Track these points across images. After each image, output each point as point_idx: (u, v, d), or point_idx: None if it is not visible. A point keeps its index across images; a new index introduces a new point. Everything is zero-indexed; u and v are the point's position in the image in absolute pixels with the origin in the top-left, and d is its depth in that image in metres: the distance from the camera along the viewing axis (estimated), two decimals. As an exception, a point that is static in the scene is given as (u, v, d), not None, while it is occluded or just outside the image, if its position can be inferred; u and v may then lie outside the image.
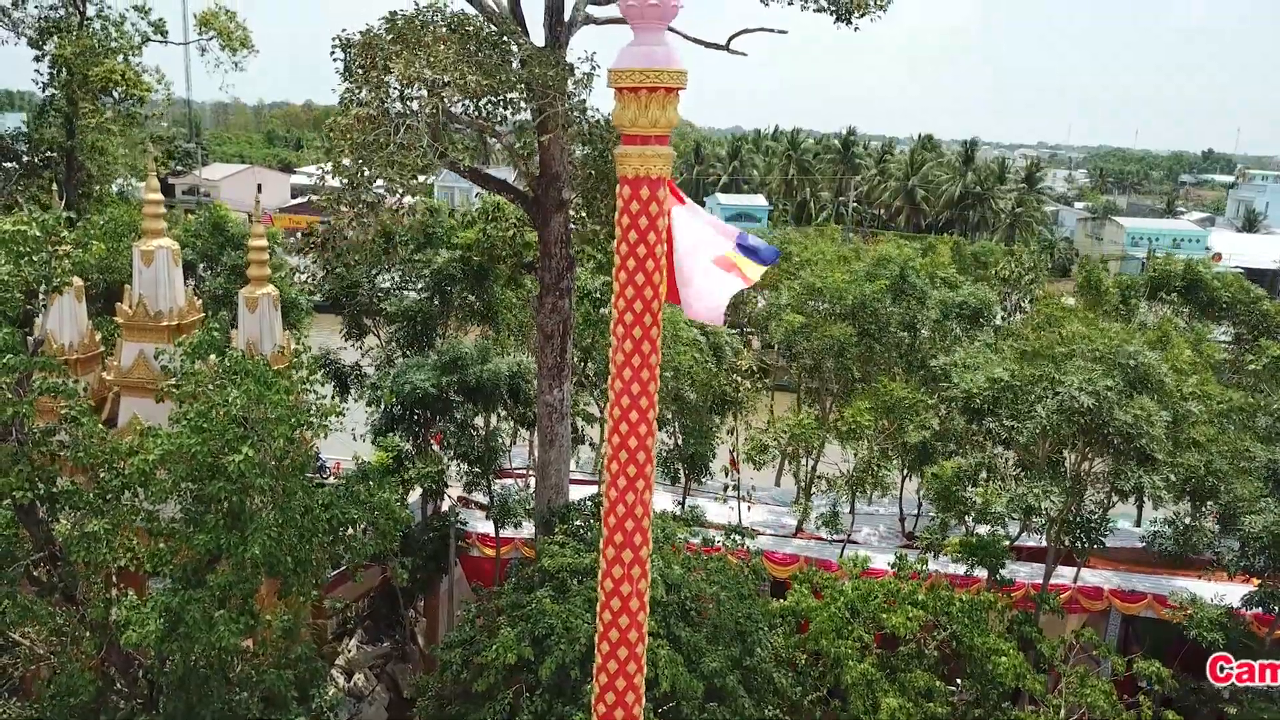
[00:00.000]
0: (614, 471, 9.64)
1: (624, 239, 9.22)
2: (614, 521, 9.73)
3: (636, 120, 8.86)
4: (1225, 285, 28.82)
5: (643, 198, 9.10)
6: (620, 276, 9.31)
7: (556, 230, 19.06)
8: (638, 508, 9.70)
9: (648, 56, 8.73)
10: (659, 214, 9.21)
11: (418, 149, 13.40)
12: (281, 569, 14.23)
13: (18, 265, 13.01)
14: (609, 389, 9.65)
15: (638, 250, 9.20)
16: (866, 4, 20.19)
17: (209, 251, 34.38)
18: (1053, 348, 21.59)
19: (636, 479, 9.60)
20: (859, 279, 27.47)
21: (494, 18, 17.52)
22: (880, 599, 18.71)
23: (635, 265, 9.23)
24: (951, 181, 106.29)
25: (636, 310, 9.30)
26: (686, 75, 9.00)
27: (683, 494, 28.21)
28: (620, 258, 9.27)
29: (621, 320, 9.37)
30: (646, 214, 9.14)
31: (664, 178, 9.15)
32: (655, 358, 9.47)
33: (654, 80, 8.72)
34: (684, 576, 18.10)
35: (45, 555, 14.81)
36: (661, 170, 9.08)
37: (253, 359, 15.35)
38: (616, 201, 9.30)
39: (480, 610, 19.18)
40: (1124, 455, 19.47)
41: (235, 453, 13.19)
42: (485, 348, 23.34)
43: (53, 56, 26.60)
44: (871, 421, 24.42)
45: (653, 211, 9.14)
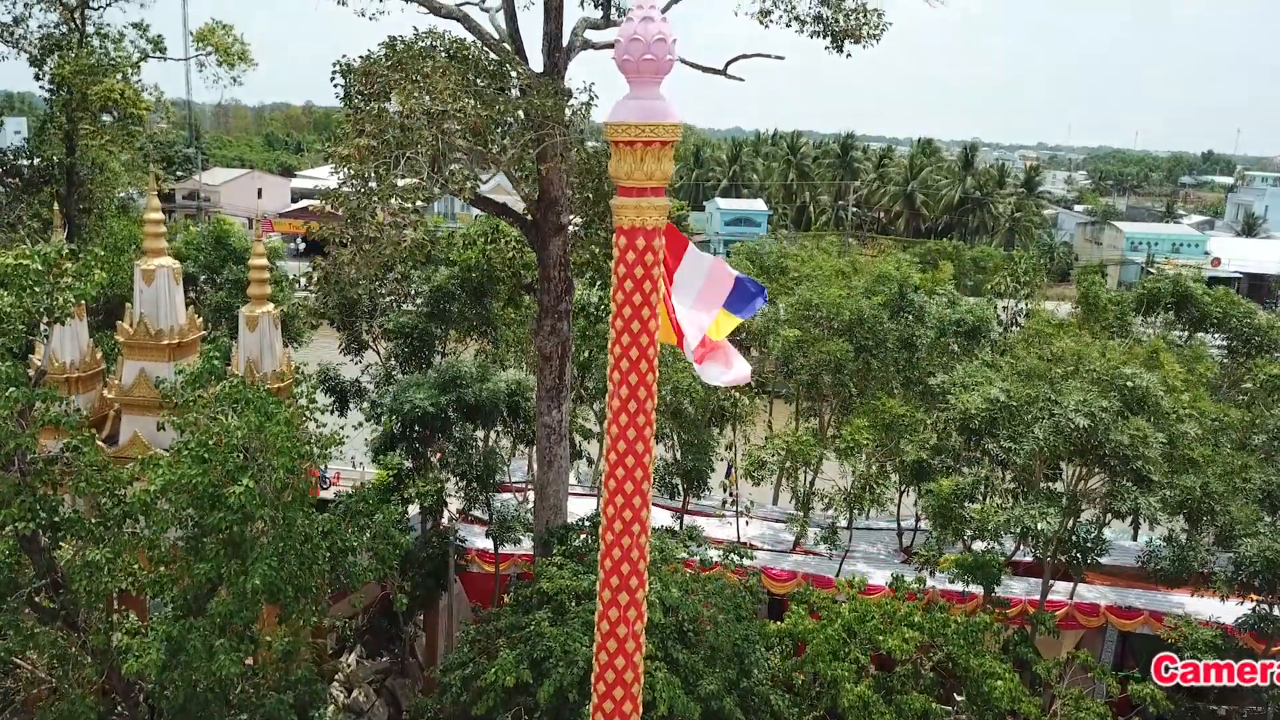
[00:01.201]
0: (610, 516, 9.78)
1: (619, 288, 9.33)
2: (610, 565, 9.86)
3: (632, 173, 8.97)
4: (1215, 300, 28.95)
5: (638, 248, 9.21)
6: (616, 324, 9.43)
7: (555, 253, 19.18)
8: (634, 551, 9.82)
9: (644, 110, 8.84)
10: (654, 263, 9.33)
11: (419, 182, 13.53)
12: (282, 597, 14.35)
13: (20, 298, 13.13)
14: (605, 431, 9.78)
15: (633, 299, 9.31)
16: (860, 32, 20.40)
17: (211, 264, 34.57)
18: (1049, 370, 21.71)
19: (632, 523, 9.72)
20: (856, 295, 27.59)
21: (493, 45, 17.66)
22: (877, 620, 18.83)
23: (631, 313, 9.34)
24: (951, 186, 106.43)
25: (632, 357, 9.41)
26: (681, 128, 9.11)
27: (681, 509, 28.31)
28: (616, 306, 9.39)
29: (617, 367, 9.49)
30: (642, 264, 9.25)
31: (659, 228, 9.28)
32: (651, 403, 9.59)
33: (649, 134, 8.83)
34: (682, 599, 18.22)
35: (47, 582, 14.94)
36: (657, 221, 9.20)
37: (254, 387, 15.46)
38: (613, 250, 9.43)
39: (479, 632, 19.30)
40: (1120, 476, 19.59)
41: (236, 483, 13.31)
42: (484, 366, 23.48)
43: (52, 75, 26.75)
44: (869, 439, 24.53)
45: (648, 261, 9.26)
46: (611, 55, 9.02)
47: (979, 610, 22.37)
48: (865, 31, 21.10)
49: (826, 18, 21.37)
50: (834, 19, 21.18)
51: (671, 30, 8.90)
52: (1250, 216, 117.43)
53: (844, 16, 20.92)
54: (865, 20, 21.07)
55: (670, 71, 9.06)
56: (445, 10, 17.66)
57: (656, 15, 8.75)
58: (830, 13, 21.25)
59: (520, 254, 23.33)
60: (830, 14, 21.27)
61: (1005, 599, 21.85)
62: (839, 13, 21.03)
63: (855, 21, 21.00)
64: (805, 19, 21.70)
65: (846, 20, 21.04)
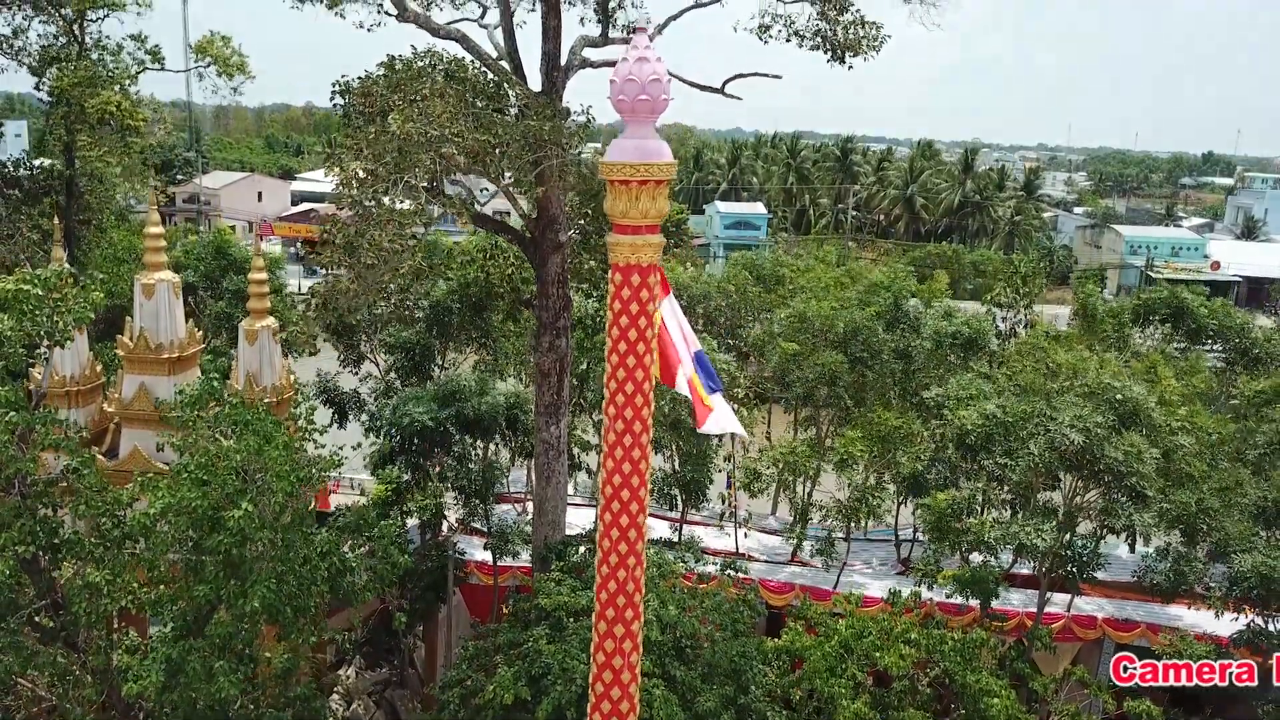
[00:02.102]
0: (605, 548, 9.86)
1: (615, 323, 9.44)
2: (605, 597, 9.95)
3: (627, 212, 9.07)
4: (1211, 312, 28.98)
5: (633, 284, 9.32)
6: (612, 359, 9.53)
7: (554, 270, 19.26)
8: (629, 584, 9.91)
9: (639, 151, 8.94)
10: (649, 299, 9.43)
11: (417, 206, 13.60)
12: (281, 618, 14.43)
13: (20, 322, 13.21)
14: (601, 465, 9.87)
15: (629, 334, 9.42)
16: (860, 45, 20.48)
17: (210, 273, 34.64)
18: (1045, 385, 21.78)
19: (628, 556, 9.82)
20: (851, 307, 27.65)
21: (490, 65, 17.73)
22: (874, 636, 18.90)
23: (626, 348, 9.45)
24: (950, 190, 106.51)
25: (628, 392, 9.51)
26: (675, 166, 9.21)
27: (680, 519, 28.38)
28: (611, 341, 9.49)
29: (613, 401, 9.59)
30: (637, 300, 9.36)
31: (654, 264, 9.37)
32: (646, 436, 9.68)
33: (644, 174, 8.94)
34: (679, 616, 18.29)
35: (48, 602, 15.02)
36: (652, 258, 9.30)
37: (253, 408, 15.53)
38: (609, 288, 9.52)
39: (477, 649, 19.38)
40: (1115, 491, 19.67)
41: (235, 506, 13.40)
42: (484, 379, 23.55)
43: (51, 87, 26.82)
44: (864, 451, 24.61)
45: (643, 298, 9.36)
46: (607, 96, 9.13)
47: (976, 623, 22.48)
48: (864, 44, 21.21)
49: (825, 32, 21.48)
50: (832, 33, 21.28)
51: (665, 70, 9.01)
52: (1250, 220, 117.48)
53: (842, 30, 21.01)
54: (864, 33, 21.17)
55: (665, 110, 9.17)
56: (443, 31, 17.75)
57: (651, 56, 8.85)
58: (829, 27, 21.35)
59: (519, 269, 23.41)
60: (829, 28, 21.37)
61: (1003, 614, 21.89)
62: (837, 26, 21.12)
63: (854, 35, 21.10)
64: (804, 33, 21.83)
65: (845, 34, 21.14)
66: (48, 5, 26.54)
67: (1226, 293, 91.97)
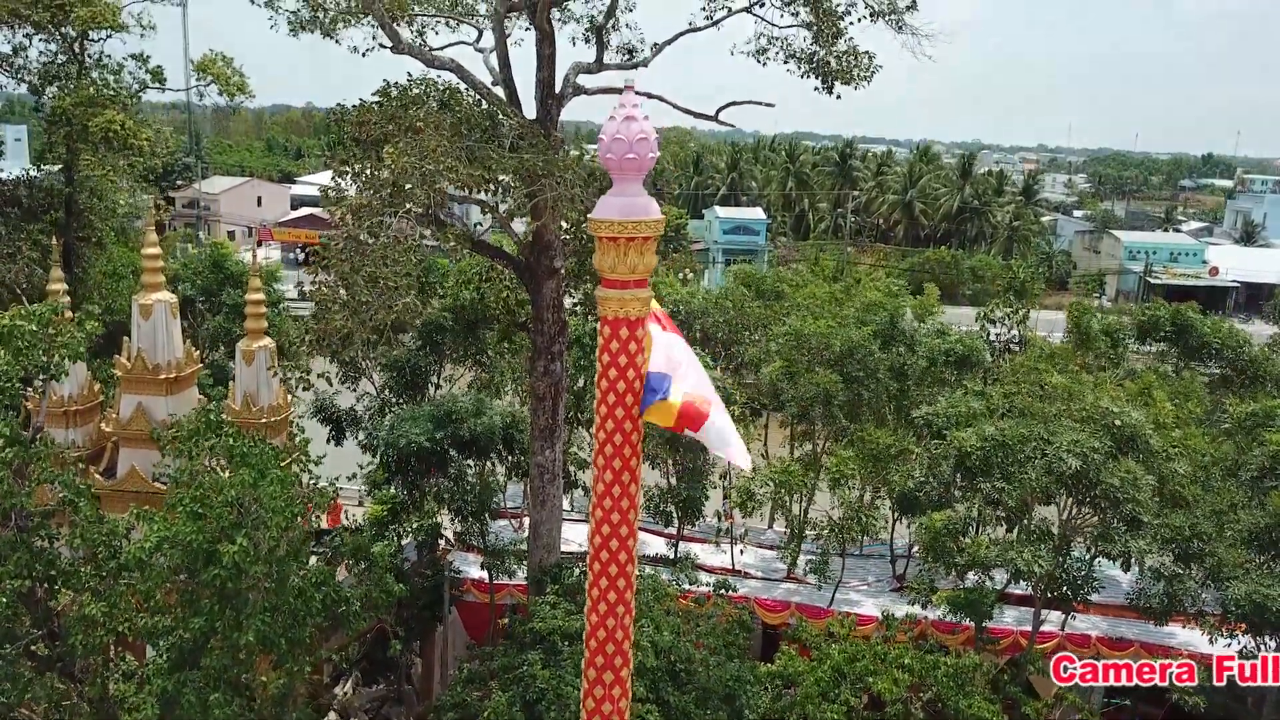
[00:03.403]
0: (594, 598, 9.95)
1: (604, 375, 9.52)
2: (595, 645, 10.03)
3: (615, 267, 9.14)
4: (1214, 330, 29.03)
5: (622, 337, 9.39)
6: (601, 410, 9.61)
7: (549, 296, 19.35)
8: (618, 632, 10.00)
9: (626, 208, 9.01)
10: (638, 351, 9.51)
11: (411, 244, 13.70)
12: (276, 650, 14.53)
13: (16, 357, 13.31)
14: (590, 514, 9.96)
15: (617, 386, 9.49)
16: (851, 75, 20.62)
17: (208, 287, 34.81)
18: (1042, 408, 21.87)
19: (617, 605, 9.90)
20: (848, 325, 27.75)
21: (485, 93, 17.83)
22: (867, 660, 19.00)
23: (615, 400, 9.52)
24: (949, 195, 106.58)
25: (616, 443, 9.59)
26: (664, 223, 9.30)
27: (676, 535, 28.48)
28: (600, 392, 9.58)
29: (602, 451, 9.67)
30: (626, 353, 9.43)
31: (642, 318, 9.45)
32: (635, 487, 9.76)
33: (632, 230, 9.01)
34: (674, 641, 18.39)
35: (44, 632, 15.13)
36: (640, 311, 9.38)
37: (249, 437, 15.63)
38: (599, 340, 9.61)
39: (473, 672, 19.49)
40: (1111, 517, 19.76)
41: (230, 541, 13.50)
42: (480, 400, 23.64)
43: (52, 107, 26.94)
44: (857, 469, 24.71)
45: (631, 350, 9.44)
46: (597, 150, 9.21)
47: (970, 643, 22.57)
48: (856, 74, 21.34)
49: (820, 57, 21.59)
50: (826, 60, 21.39)
51: (652, 128, 9.10)
52: (1249, 224, 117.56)
53: (835, 59, 21.12)
54: (856, 62, 21.29)
55: (651, 167, 9.26)
56: (438, 61, 17.85)
57: (639, 114, 8.93)
58: (824, 53, 21.46)
59: (514, 293, 23.52)
60: (823, 54, 21.49)
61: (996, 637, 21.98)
62: (831, 54, 21.23)
63: (846, 63, 21.22)
64: (800, 57, 21.94)
65: (838, 62, 21.26)
66: (49, 24, 26.65)
67: (1224, 299, 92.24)
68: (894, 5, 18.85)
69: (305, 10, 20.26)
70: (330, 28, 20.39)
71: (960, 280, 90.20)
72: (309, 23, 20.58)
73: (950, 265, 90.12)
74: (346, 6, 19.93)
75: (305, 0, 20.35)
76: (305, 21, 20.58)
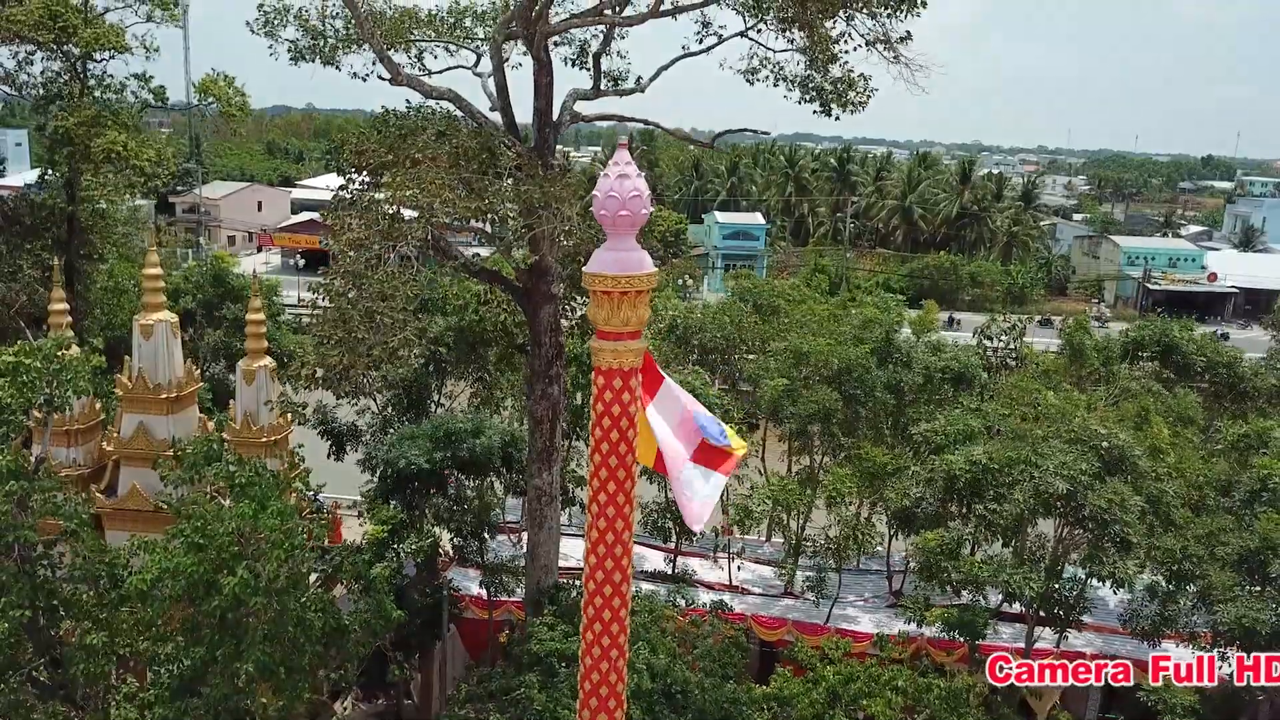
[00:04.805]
0: (589, 640, 10.14)
1: (598, 423, 9.70)
2: (589, 687, 10.22)
3: (609, 320, 9.32)
4: (1200, 349, 29.17)
5: (615, 388, 9.58)
6: (595, 458, 9.80)
7: (546, 320, 19.52)
8: (611, 674, 10.18)
9: (620, 263, 9.19)
10: (631, 401, 9.70)
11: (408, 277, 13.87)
12: (275, 679, 14.71)
13: (21, 392, 13.49)
14: (584, 560, 10.14)
15: (610, 435, 9.67)
16: (847, 99, 20.72)
17: (209, 301, 34.97)
18: (1032, 430, 22.06)
19: (610, 649, 10.09)
20: (845, 343, 27.94)
21: (483, 123, 18.00)
22: (861, 682, 19.17)
23: (609, 449, 9.70)
24: (949, 201, 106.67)
25: (610, 491, 9.77)
26: (656, 276, 9.48)
27: (674, 550, 28.65)
28: (594, 441, 9.76)
29: (595, 499, 9.86)
30: (619, 403, 9.62)
31: (636, 368, 9.64)
32: (629, 534, 9.94)
33: (625, 285, 9.19)
34: (670, 664, 18.55)
35: (46, 660, 15.31)
36: (634, 363, 9.57)
37: (250, 466, 15.81)
38: (592, 388, 9.79)
39: (470, 694, 19.67)
40: (1100, 539, 19.94)
41: (231, 573, 13.68)
42: (479, 420, 23.81)
43: (55, 126, 27.10)
44: (854, 487, 24.89)
45: (625, 400, 9.62)
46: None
47: (965, 660, 22.75)
48: (852, 97, 21.41)
49: (814, 82, 21.69)
50: (821, 84, 21.49)
51: (645, 185, 9.28)
52: (1248, 229, 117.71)
53: (830, 84, 21.22)
54: (852, 86, 21.36)
55: (644, 223, 9.43)
56: (435, 93, 18.02)
57: (631, 172, 9.11)
58: (819, 77, 21.56)
59: (512, 315, 23.68)
60: (818, 78, 21.59)
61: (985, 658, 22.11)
62: (826, 79, 21.33)
63: (841, 88, 21.31)
64: (792, 80, 22.04)
65: (834, 86, 21.35)
66: (53, 44, 26.81)
67: (1223, 304, 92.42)
68: (887, 35, 18.92)
69: (304, 39, 20.46)
70: (330, 55, 20.58)
71: (959, 286, 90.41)
72: (309, 51, 20.78)
73: (949, 271, 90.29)
74: (346, 34, 20.11)
75: (304, 29, 20.58)
76: (305, 49, 20.78)
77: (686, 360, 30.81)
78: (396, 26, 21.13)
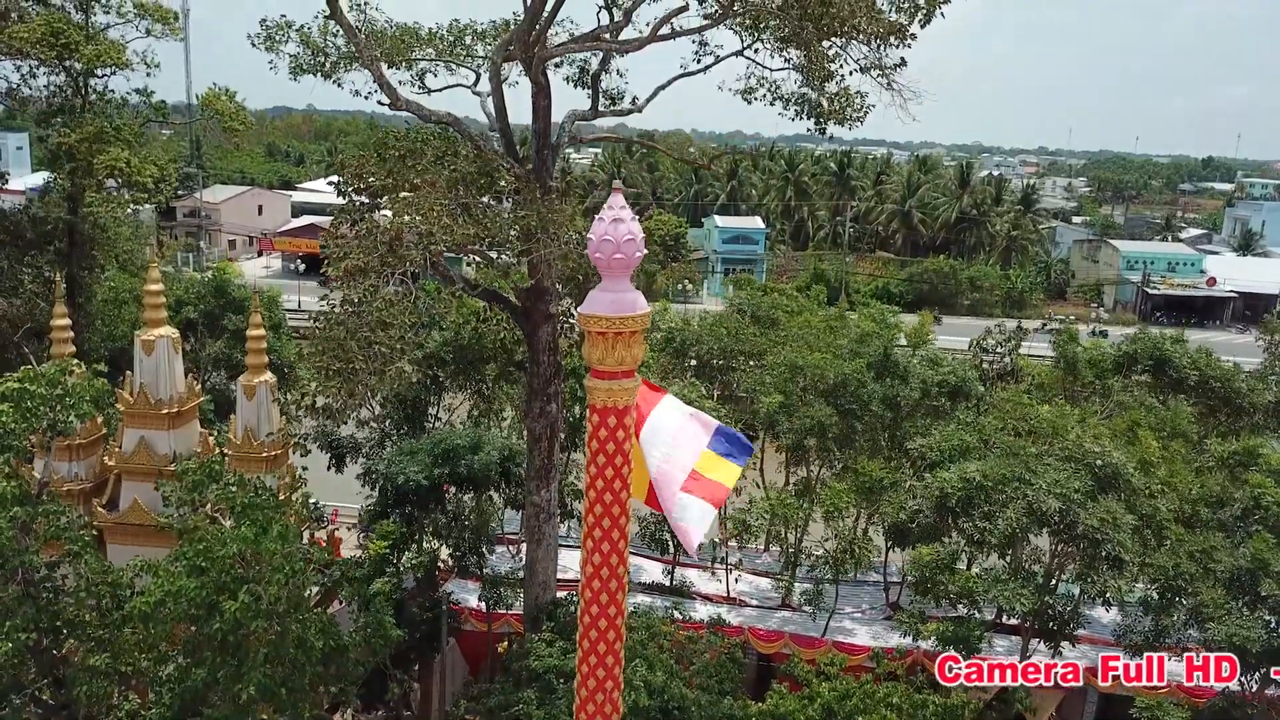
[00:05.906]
0: (584, 673, 10.31)
1: (593, 460, 9.87)
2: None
3: (604, 359, 9.50)
4: (1192, 363, 29.27)
5: (610, 425, 9.75)
6: (590, 494, 9.97)
7: (544, 339, 19.68)
8: (606, 705, 10.35)
9: (615, 304, 9.37)
10: (625, 438, 9.87)
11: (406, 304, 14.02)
12: (276, 699, 14.87)
13: (25, 418, 13.66)
14: (580, 594, 10.31)
15: (605, 472, 9.85)
16: (844, 116, 20.86)
17: (210, 312, 35.12)
18: (1025, 447, 22.21)
19: (605, 679, 10.26)
20: (842, 357, 28.07)
21: (481, 146, 18.16)
22: (857, 699, 19.31)
23: (604, 485, 9.88)
24: (948, 205, 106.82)
25: (605, 527, 9.94)
26: (650, 317, 9.65)
27: (672, 562, 28.79)
28: (589, 477, 9.93)
29: (590, 534, 10.03)
30: (614, 440, 9.79)
31: (630, 405, 9.81)
32: (623, 568, 10.12)
33: (619, 326, 9.37)
34: (667, 682, 18.71)
35: (49, 681, 15.48)
36: (627, 401, 9.75)
37: (251, 488, 15.96)
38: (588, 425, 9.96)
39: (469, 710, 19.83)
40: (1092, 557, 20.09)
41: (232, 597, 13.84)
42: (478, 436, 23.97)
43: (57, 142, 27.27)
44: (851, 501, 25.03)
45: (619, 438, 9.80)
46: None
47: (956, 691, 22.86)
48: (849, 113, 21.53)
49: (811, 99, 21.84)
50: (818, 102, 21.63)
51: (639, 228, 9.45)
52: (1247, 232, 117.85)
53: (827, 101, 21.36)
54: (849, 103, 21.49)
55: (638, 264, 9.61)
56: (435, 117, 18.18)
57: (626, 216, 9.29)
58: (815, 95, 21.71)
59: (511, 333, 23.83)
60: (815, 96, 21.73)
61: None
62: (822, 96, 21.47)
63: (838, 104, 21.44)
64: (789, 99, 22.21)
65: (830, 104, 21.49)
66: (54, 60, 26.97)
67: (1222, 309, 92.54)
68: (880, 61, 19.07)
69: (306, 55, 20.61)
70: (331, 71, 20.73)
71: (959, 290, 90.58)
72: (310, 66, 20.92)
73: (949, 275, 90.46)
74: (348, 52, 20.26)
75: (306, 45, 20.74)
76: (306, 65, 20.93)
77: (684, 373, 30.97)
78: (397, 44, 21.30)
